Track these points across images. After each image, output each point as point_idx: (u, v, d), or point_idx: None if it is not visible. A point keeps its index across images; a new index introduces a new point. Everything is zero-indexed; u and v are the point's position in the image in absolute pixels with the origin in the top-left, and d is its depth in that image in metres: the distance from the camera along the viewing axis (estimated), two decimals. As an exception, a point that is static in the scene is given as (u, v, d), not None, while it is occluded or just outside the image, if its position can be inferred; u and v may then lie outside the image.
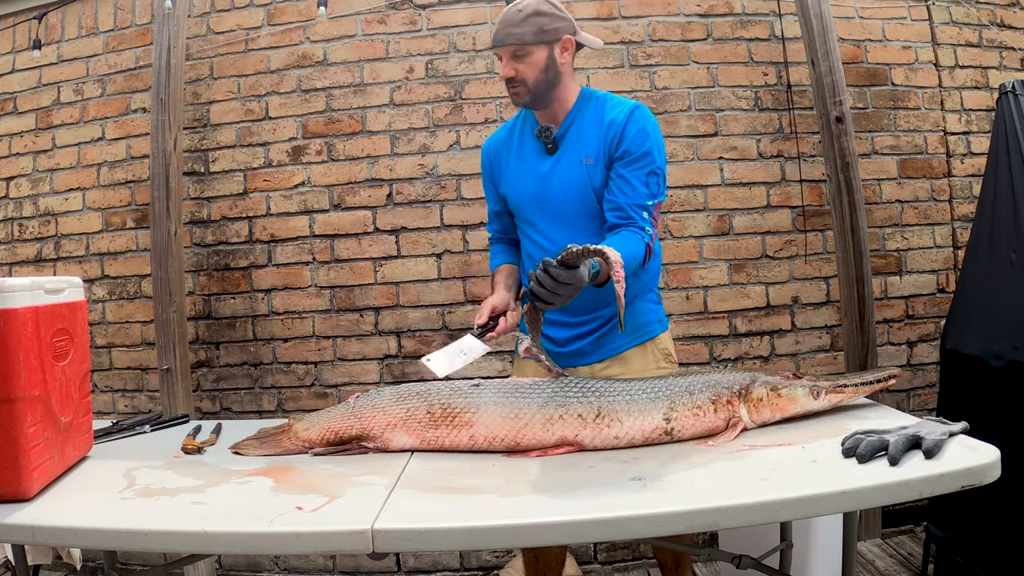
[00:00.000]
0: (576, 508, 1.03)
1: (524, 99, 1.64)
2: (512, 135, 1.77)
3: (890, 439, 1.10)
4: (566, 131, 1.67)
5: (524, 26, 1.58)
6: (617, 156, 1.60)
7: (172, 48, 2.55)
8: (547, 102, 1.66)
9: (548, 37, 1.60)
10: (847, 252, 2.49)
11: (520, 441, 1.31)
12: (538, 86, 1.62)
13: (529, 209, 1.71)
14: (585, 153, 1.64)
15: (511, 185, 1.74)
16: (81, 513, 1.12)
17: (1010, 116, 2.06)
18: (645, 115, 1.64)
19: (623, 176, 1.59)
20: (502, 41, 1.61)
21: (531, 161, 1.71)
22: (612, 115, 1.63)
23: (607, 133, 1.62)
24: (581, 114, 1.68)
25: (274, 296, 2.75)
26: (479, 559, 2.63)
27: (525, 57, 1.60)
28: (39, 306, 1.24)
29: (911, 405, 2.72)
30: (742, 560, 1.54)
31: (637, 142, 1.59)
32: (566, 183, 1.65)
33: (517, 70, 1.61)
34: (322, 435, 1.42)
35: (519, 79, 1.61)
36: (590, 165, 1.63)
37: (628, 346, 1.71)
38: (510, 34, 1.59)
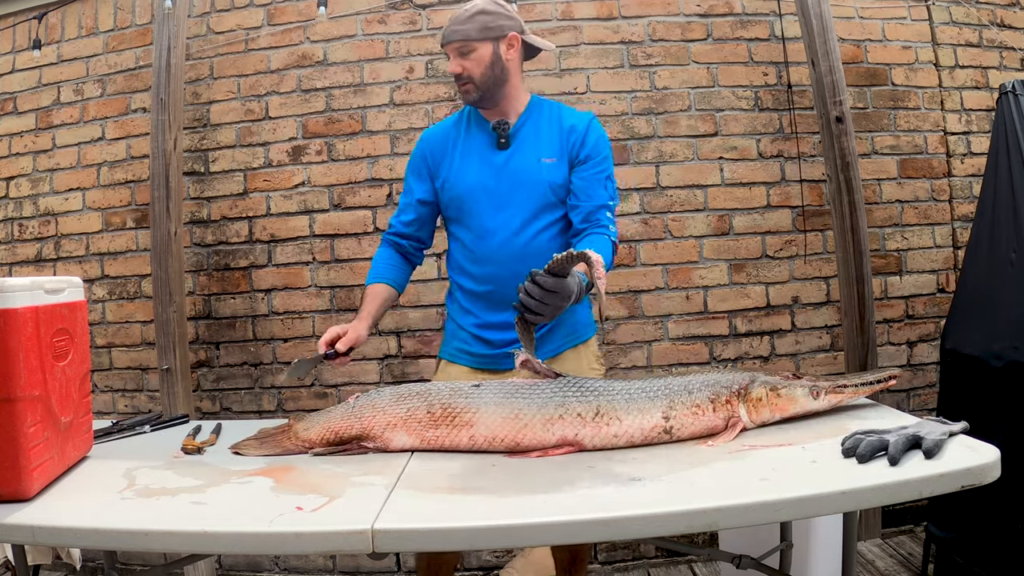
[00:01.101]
0: (576, 508, 1.03)
1: (473, 96, 1.69)
2: (458, 128, 1.79)
3: (890, 439, 1.10)
4: (520, 129, 1.73)
5: (469, 23, 1.65)
6: (579, 161, 1.69)
7: (172, 48, 2.55)
8: (496, 99, 1.70)
9: (493, 33, 1.66)
10: (847, 252, 2.49)
11: (520, 441, 1.31)
12: (485, 82, 1.67)
13: (474, 200, 1.72)
14: (543, 153, 1.70)
15: (456, 175, 1.74)
16: (81, 513, 1.12)
17: (1010, 116, 2.06)
18: (599, 125, 1.75)
19: (586, 180, 1.68)
20: (448, 38, 1.67)
21: (480, 154, 1.73)
22: (571, 122, 1.72)
23: (568, 138, 1.70)
24: (535, 116, 1.74)
25: (274, 296, 2.75)
26: (479, 559, 2.63)
27: (471, 54, 1.65)
28: (39, 306, 1.24)
29: (911, 405, 2.72)
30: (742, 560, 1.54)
31: (597, 149, 1.70)
32: (521, 178, 1.69)
33: (464, 67, 1.66)
34: (322, 435, 1.42)
35: (466, 75, 1.66)
36: (550, 164, 1.69)
37: (564, 348, 1.76)
38: (455, 31, 1.65)
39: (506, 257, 1.68)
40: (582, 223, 1.66)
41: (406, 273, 1.85)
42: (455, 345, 1.80)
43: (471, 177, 1.72)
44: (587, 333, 1.81)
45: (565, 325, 1.74)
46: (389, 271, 1.80)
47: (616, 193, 1.73)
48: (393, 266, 1.81)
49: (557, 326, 1.73)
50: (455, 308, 1.82)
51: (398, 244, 1.83)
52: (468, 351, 1.77)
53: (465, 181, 1.73)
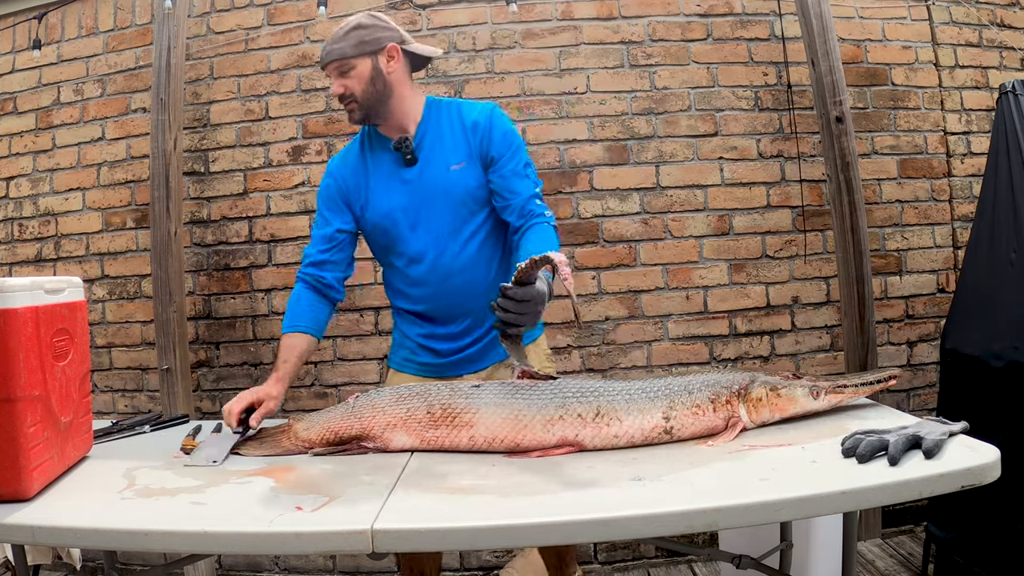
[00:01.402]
0: (576, 508, 1.03)
1: (358, 115, 1.64)
2: (362, 154, 1.73)
3: (890, 439, 1.10)
4: (422, 140, 1.67)
5: (344, 41, 1.60)
6: (493, 157, 1.64)
7: (172, 48, 2.55)
8: (383, 115, 1.65)
9: (370, 48, 1.60)
10: (847, 252, 2.49)
11: (520, 442, 1.31)
12: (368, 99, 1.62)
13: (394, 225, 1.67)
14: (451, 160, 1.65)
15: (375, 203, 1.68)
16: (81, 513, 1.12)
17: (1010, 116, 2.06)
18: (502, 114, 1.70)
19: (507, 176, 1.63)
20: (325, 59, 1.61)
21: (390, 176, 1.68)
22: (473, 118, 1.66)
23: (473, 137, 1.65)
24: (435, 122, 1.68)
25: (274, 296, 2.75)
26: (479, 559, 2.63)
27: (350, 72, 1.60)
28: (39, 306, 1.24)
29: (911, 405, 2.72)
30: (742, 560, 1.54)
31: (506, 142, 1.65)
32: (435, 191, 1.64)
33: (345, 86, 1.61)
34: (322, 435, 1.42)
35: (348, 94, 1.62)
36: (460, 170, 1.64)
37: None
38: (332, 51, 1.60)
39: (439, 275, 1.66)
40: (518, 220, 1.62)
41: (326, 314, 1.74)
42: (402, 355, 1.79)
43: (386, 202, 1.67)
44: (535, 332, 1.78)
45: None
46: (307, 316, 1.69)
47: (537, 178, 1.67)
48: (311, 308, 1.71)
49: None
50: (399, 319, 1.80)
51: (317, 279, 1.72)
52: (415, 360, 1.76)
53: (381, 208, 1.68)
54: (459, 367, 1.71)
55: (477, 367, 1.72)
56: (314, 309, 1.71)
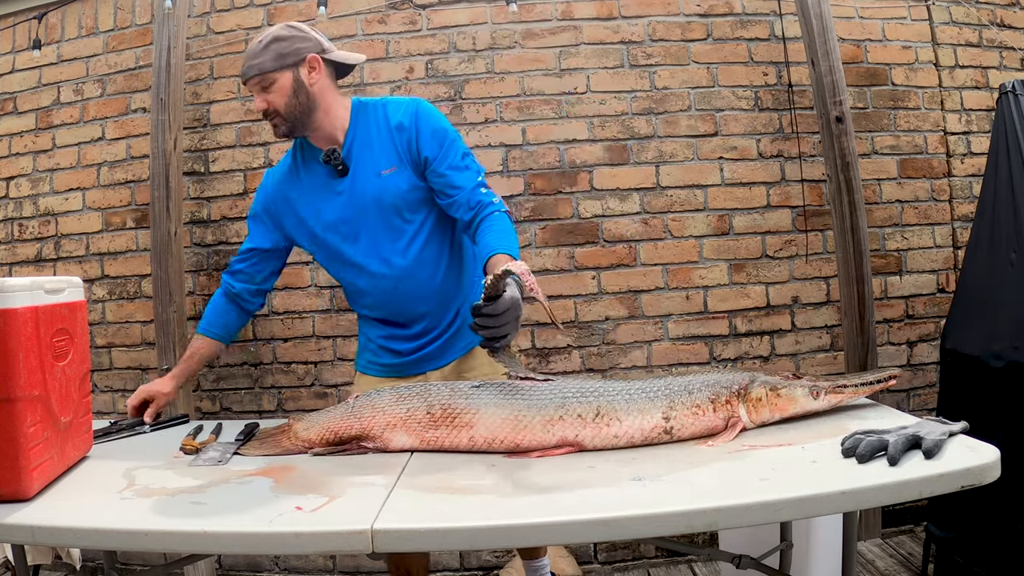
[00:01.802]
0: (576, 508, 1.03)
1: (283, 129, 1.61)
2: (296, 170, 1.70)
3: (890, 439, 1.10)
4: (351, 149, 1.64)
5: (264, 55, 1.56)
6: (427, 158, 1.60)
7: (172, 48, 2.55)
8: (309, 126, 1.62)
9: (289, 60, 1.57)
10: (847, 252, 2.49)
11: (520, 442, 1.31)
12: (292, 112, 1.58)
13: (332, 239, 1.66)
14: (381, 165, 1.61)
15: (311, 219, 1.67)
16: (81, 513, 1.12)
17: (1010, 116, 2.06)
18: (428, 108, 1.64)
19: (447, 173, 1.59)
20: (245, 74, 1.58)
21: (323, 189, 1.65)
22: (397, 119, 1.62)
23: (400, 138, 1.61)
24: (362, 127, 1.64)
25: (274, 296, 2.75)
26: (479, 559, 2.63)
27: (271, 86, 1.57)
28: (39, 306, 1.24)
29: (911, 405, 2.72)
30: (742, 560, 1.54)
31: (437, 139, 1.60)
32: (367, 201, 1.62)
33: (268, 101, 1.57)
34: (322, 435, 1.42)
35: (271, 110, 1.58)
36: (391, 175, 1.61)
37: (475, 343, 1.70)
38: (251, 66, 1.57)
39: (387, 284, 1.65)
40: (467, 213, 1.57)
41: (238, 322, 1.79)
42: (366, 357, 1.80)
43: (324, 216, 1.65)
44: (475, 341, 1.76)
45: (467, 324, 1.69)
46: (217, 323, 1.76)
47: (477, 165, 1.63)
48: (222, 315, 1.76)
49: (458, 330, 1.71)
50: (362, 323, 1.81)
51: (229, 287, 1.76)
52: (377, 362, 1.77)
53: (318, 223, 1.66)
54: (420, 365, 1.72)
55: (438, 363, 1.72)
56: (225, 316, 1.77)
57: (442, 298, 1.70)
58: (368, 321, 1.78)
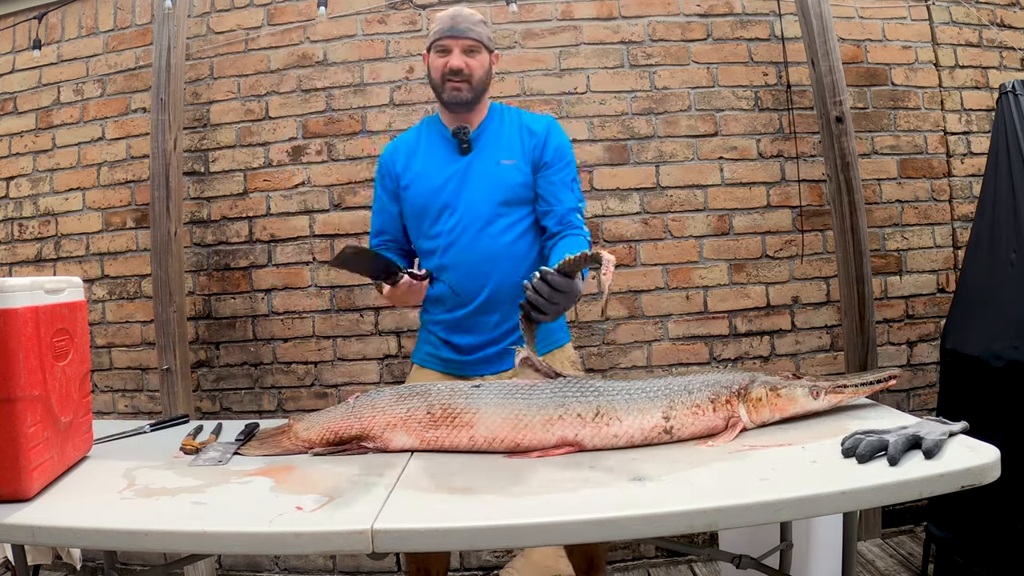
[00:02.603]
0: (576, 508, 1.03)
1: (466, 95, 1.70)
2: (418, 139, 1.81)
3: (890, 439, 1.10)
4: (481, 134, 1.75)
5: (479, 27, 1.70)
6: (542, 164, 1.70)
7: (172, 48, 2.55)
8: (475, 105, 1.74)
9: (492, 46, 1.76)
10: (847, 252, 2.49)
11: (520, 442, 1.31)
12: (479, 86, 1.71)
13: (435, 206, 1.72)
14: (503, 156, 1.72)
15: (419, 183, 1.75)
16: (81, 513, 1.12)
17: (1010, 116, 2.06)
18: (560, 129, 1.78)
19: (554, 184, 1.69)
20: (463, 32, 1.68)
21: (442, 160, 1.75)
22: (531, 125, 1.75)
23: (529, 141, 1.73)
24: (496, 121, 1.78)
25: (274, 296, 2.75)
26: (479, 559, 2.63)
27: (476, 55, 1.70)
28: (39, 306, 1.24)
29: (911, 405, 2.72)
30: (742, 560, 1.54)
31: (560, 153, 1.73)
32: (481, 181, 1.70)
33: (468, 64, 1.68)
34: (322, 435, 1.42)
35: (468, 72, 1.68)
36: (510, 166, 1.70)
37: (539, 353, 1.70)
38: (470, 29, 1.68)
39: (469, 260, 1.69)
40: (556, 226, 1.67)
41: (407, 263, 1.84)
42: (426, 350, 1.82)
43: (433, 182, 1.73)
44: (563, 339, 1.82)
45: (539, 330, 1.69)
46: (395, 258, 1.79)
47: (582, 196, 1.75)
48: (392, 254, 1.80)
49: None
50: (425, 312, 1.84)
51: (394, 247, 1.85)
52: (437, 356, 1.78)
53: (428, 187, 1.73)
54: (479, 367, 1.73)
55: (497, 368, 1.73)
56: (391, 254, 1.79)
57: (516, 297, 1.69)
58: (434, 306, 1.78)
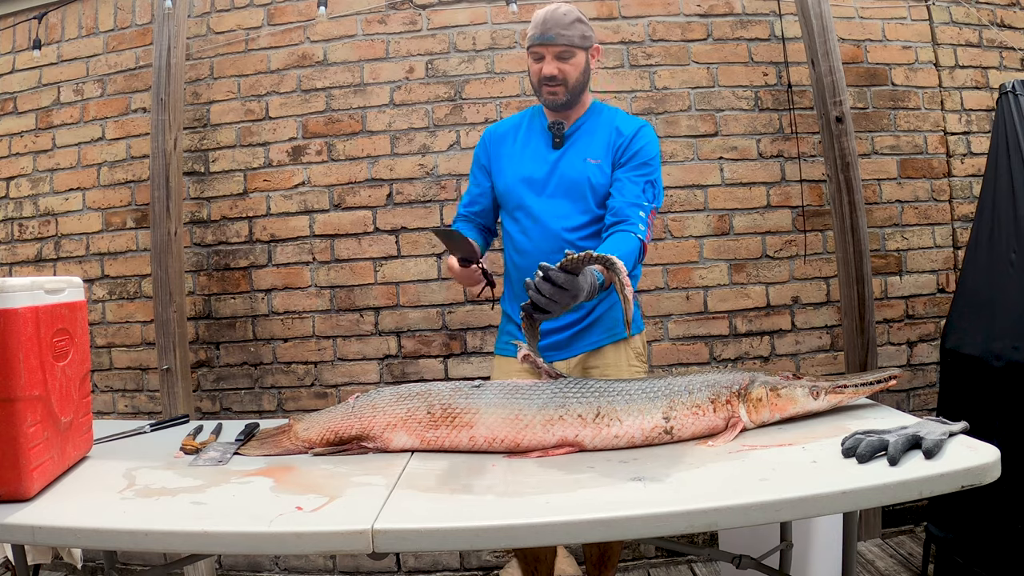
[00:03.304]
0: (576, 508, 1.03)
1: (562, 99, 1.72)
2: (519, 126, 1.86)
3: (890, 439, 1.10)
4: (576, 130, 1.78)
5: (572, 29, 1.69)
6: (621, 163, 1.71)
7: (172, 48, 2.55)
8: (575, 104, 1.76)
9: (588, 43, 1.73)
10: (847, 252, 2.48)
11: (520, 442, 1.31)
12: (576, 86, 1.72)
13: (523, 193, 1.77)
14: (591, 154, 1.74)
15: (509, 168, 1.80)
16: (81, 513, 1.12)
17: (1010, 116, 2.06)
18: (651, 132, 1.77)
19: (621, 180, 1.70)
20: (553, 39, 1.67)
21: (535, 150, 1.79)
22: (621, 126, 1.76)
23: (615, 141, 1.74)
24: (592, 119, 1.79)
25: (274, 296, 2.75)
26: (479, 559, 2.63)
27: (570, 59, 1.70)
28: (39, 306, 1.24)
29: (911, 405, 2.72)
30: (742, 560, 1.54)
31: (640, 153, 1.72)
32: (567, 175, 1.74)
33: (561, 70, 1.69)
34: (322, 435, 1.42)
35: (561, 78, 1.69)
36: (594, 165, 1.72)
37: (604, 342, 1.78)
38: (561, 35, 1.67)
39: (547, 249, 1.71)
40: (611, 218, 1.67)
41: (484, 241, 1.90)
42: (504, 339, 1.85)
43: (523, 170, 1.78)
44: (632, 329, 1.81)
45: (606, 320, 1.78)
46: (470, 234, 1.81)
47: (657, 198, 1.72)
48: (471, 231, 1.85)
49: (597, 322, 1.77)
50: (505, 300, 1.88)
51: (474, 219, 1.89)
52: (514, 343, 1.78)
53: (515, 174, 1.78)
54: (546, 353, 1.75)
55: (566, 355, 1.77)
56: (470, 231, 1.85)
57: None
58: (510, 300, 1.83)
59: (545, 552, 1.93)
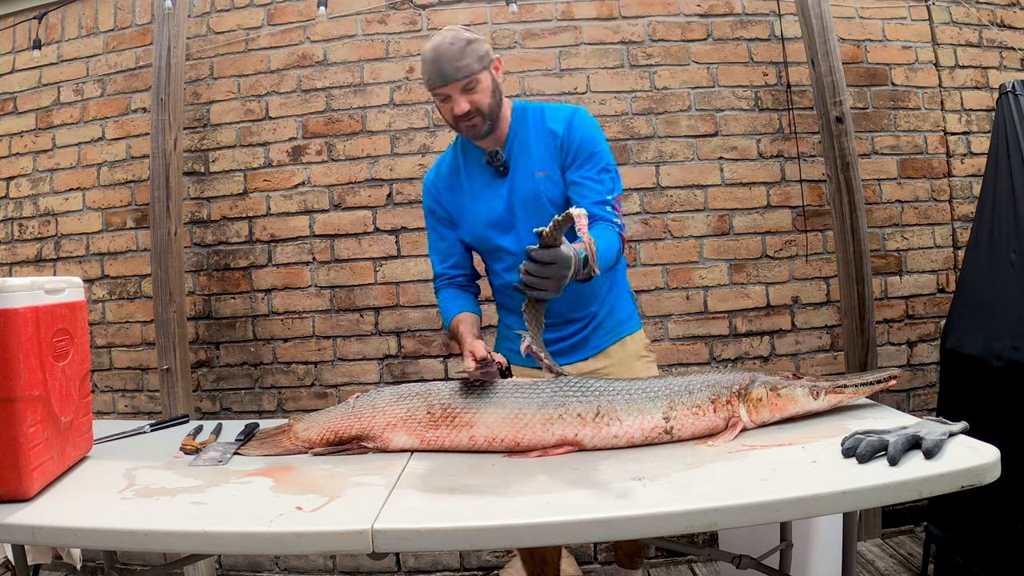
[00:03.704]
0: (576, 508, 1.03)
1: (484, 128, 1.62)
2: (456, 168, 1.75)
3: (890, 439, 1.10)
4: (511, 149, 1.68)
5: (466, 57, 1.55)
6: (568, 164, 1.64)
7: (172, 48, 2.55)
8: (497, 126, 1.65)
9: (486, 61, 1.60)
10: (847, 252, 2.48)
11: (520, 441, 1.31)
12: (492, 111, 1.61)
13: (495, 236, 1.70)
14: (536, 167, 1.66)
15: (470, 217, 1.72)
16: (81, 513, 1.12)
17: (1010, 116, 2.06)
18: (584, 118, 1.67)
19: (578, 182, 1.62)
20: (453, 76, 1.55)
21: (485, 189, 1.71)
22: (554, 126, 1.66)
23: (555, 143, 1.65)
24: (522, 129, 1.69)
25: (274, 296, 2.75)
26: (479, 559, 2.63)
27: (476, 87, 1.58)
28: (39, 306, 1.24)
29: (911, 405, 2.72)
30: (742, 560, 1.54)
31: (584, 145, 1.63)
32: (523, 198, 1.66)
33: (472, 101, 1.57)
34: (322, 435, 1.42)
35: (474, 109, 1.58)
36: (543, 178, 1.65)
37: (610, 342, 1.76)
38: (458, 68, 1.55)
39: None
40: None
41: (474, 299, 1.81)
42: (507, 346, 1.80)
43: (483, 215, 1.71)
44: (630, 328, 1.81)
45: (606, 324, 1.76)
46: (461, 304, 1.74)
47: (617, 185, 1.65)
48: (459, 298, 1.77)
49: (598, 327, 1.75)
50: (502, 313, 1.84)
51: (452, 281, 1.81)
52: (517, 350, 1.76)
53: (478, 222, 1.72)
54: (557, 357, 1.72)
55: (573, 358, 1.75)
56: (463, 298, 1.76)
57: (586, 296, 1.72)
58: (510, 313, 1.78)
59: (552, 554, 1.92)
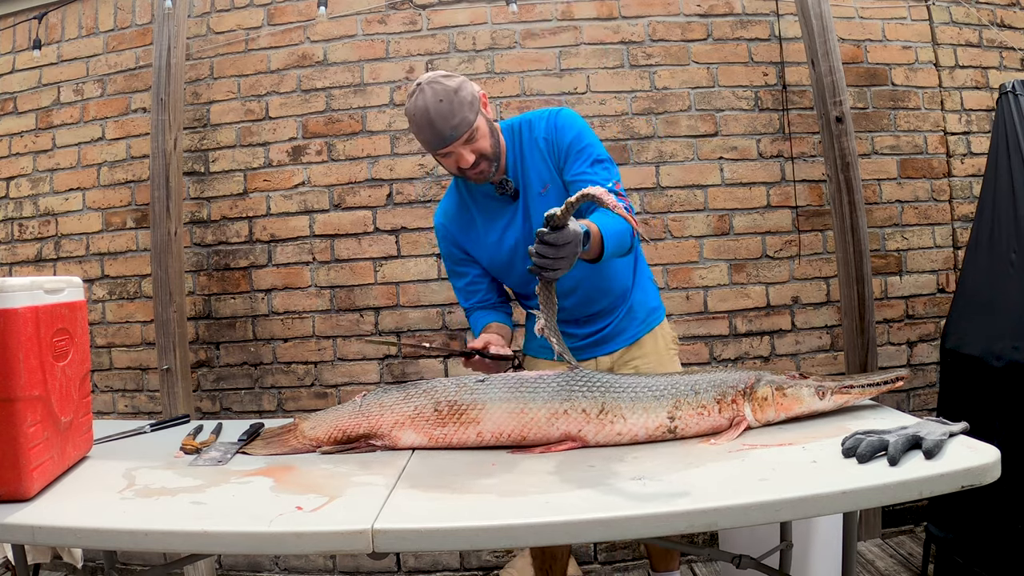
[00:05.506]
0: (576, 508, 1.03)
1: (490, 172, 1.60)
2: (464, 204, 1.74)
3: (890, 439, 1.10)
4: (515, 173, 1.66)
5: (457, 112, 1.50)
6: (562, 165, 1.63)
7: (172, 48, 2.55)
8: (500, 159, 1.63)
9: (477, 105, 1.55)
10: (847, 252, 2.48)
11: (526, 436, 1.32)
12: (496, 151, 1.59)
13: (515, 262, 1.68)
14: (537, 185, 1.65)
15: (495, 251, 1.71)
16: (81, 513, 1.12)
17: (1010, 116, 2.06)
18: (566, 117, 1.65)
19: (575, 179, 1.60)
20: (453, 137, 1.51)
21: (499, 218, 1.69)
22: (540, 135, 1.64)
23: (547, 151, 1.64)
24: (515, 149, 1.67)
25: (274, 296, 2.75)
26: (479, 559, 2.63)
27: (476, 136, 1.54)
28: (39, 306, 1.24)
29: (911, 405, 2.72)
30: (742, 560, 1.54)
31: (572, 144, 1.62)
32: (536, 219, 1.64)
33: (475, 150, 1.55)
34: (330, 434, 1.42)
35: (480, 157, 1.56)
36: (546, 193, 1.64)
37: (642, 333, 1.79)
38: (455, 126, 1.50)
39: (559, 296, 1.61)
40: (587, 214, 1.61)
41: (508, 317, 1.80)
42: (538, 342, 1.77)
43: (502, 247, 1.70)
44: (659, 317, 1.84)
45: (638, 311, 1.78)
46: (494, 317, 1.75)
47: (611, 170, 1.62)
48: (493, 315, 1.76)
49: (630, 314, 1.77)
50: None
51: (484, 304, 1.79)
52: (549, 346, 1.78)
53: (499, 254, 1.71)
54: (591, 350, 1.76)
55: (607, 349, 1.77)
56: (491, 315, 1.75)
57: (616, 293, 1.75)
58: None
59: (561, 550, 1.93)
